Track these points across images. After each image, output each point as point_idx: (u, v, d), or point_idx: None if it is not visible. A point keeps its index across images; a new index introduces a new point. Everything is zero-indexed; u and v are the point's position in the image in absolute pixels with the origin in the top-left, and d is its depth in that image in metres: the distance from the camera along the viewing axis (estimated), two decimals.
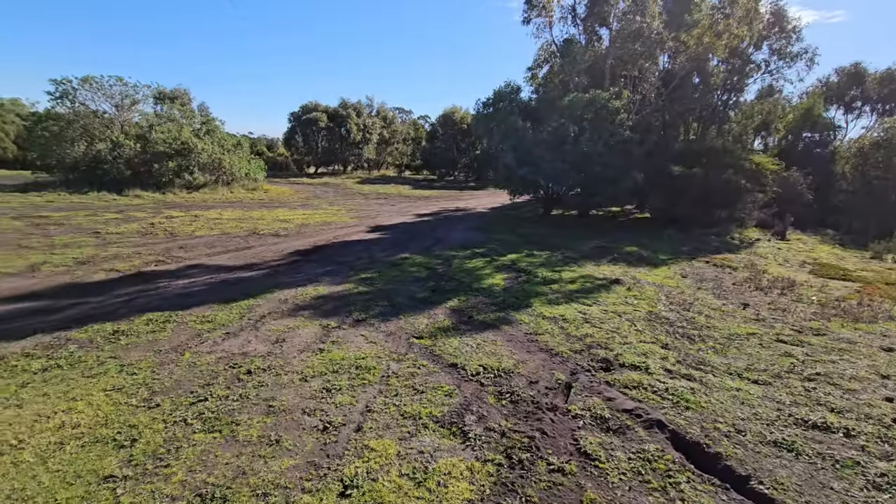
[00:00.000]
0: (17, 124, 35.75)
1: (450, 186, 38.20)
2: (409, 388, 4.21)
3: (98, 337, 5.26)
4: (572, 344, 5.38)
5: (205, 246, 11.05)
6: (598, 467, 3.16)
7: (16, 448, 3.22)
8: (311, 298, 6.93)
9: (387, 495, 2.84)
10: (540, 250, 11.36)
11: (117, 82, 23.50)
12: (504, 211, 21.54)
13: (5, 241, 10.41)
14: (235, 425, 3.56)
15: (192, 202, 19.12)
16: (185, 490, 2.85)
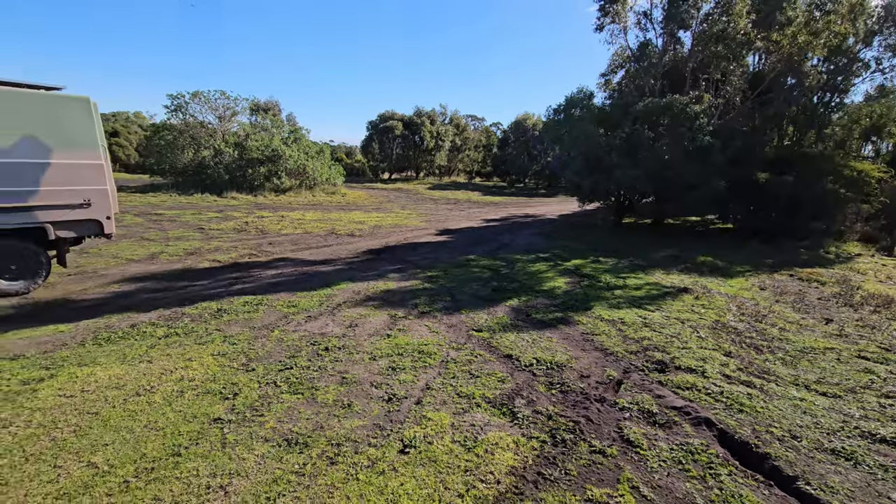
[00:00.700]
0: (138, 134, 41.03)
1: (520, 193, 38.18)
2: (465, 373, 4.58)
3: (205, 313, 6.19)
4: (628, 345, 5.45)
5: (290, 243, 12.20)
6: (639, 453, 3.32)
7: (149, 392, 4.01)
8: (380, 291, 7.54)
9: (440, 455, 3.22)
10: (606, 257, 11.25)
11: (221, 96, 26.32)
12: (573, 218, 21.29)
13: (131, 234, 12.22)
14: (315, 390, 4.13)
15: (279, 204, 20.94)
16: (275, 434, 3.43)
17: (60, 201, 7.03)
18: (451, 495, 2.84)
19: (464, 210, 23.89)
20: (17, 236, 6.86)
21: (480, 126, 61.17)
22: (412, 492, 2.85)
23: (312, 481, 2.93)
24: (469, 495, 2.84)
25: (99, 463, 3.06)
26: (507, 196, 34.68)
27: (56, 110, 6.93)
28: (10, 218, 6.66)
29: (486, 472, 3.06)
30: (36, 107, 6.74)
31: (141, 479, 2.91)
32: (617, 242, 13.75)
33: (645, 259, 11.08)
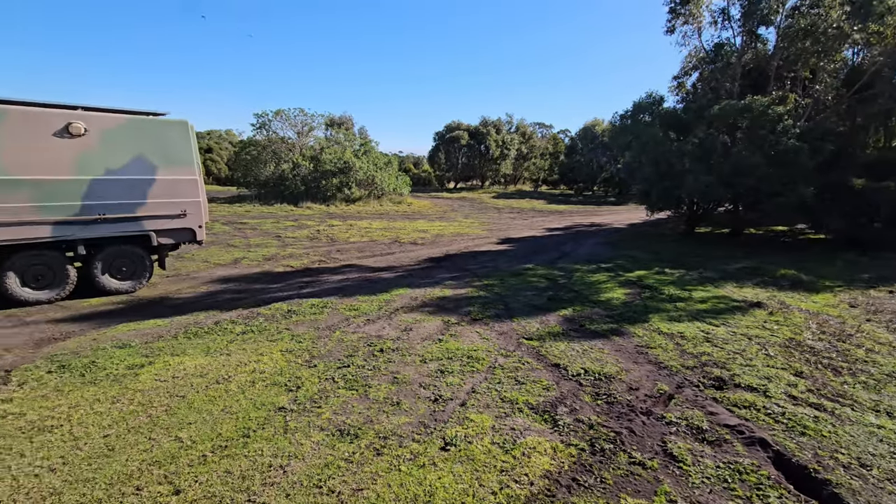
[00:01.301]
0: (228, 150, 45.12)
1: (587, 202, 37.16)
2: (511, 379, 4.69)
3: (277, 313, 6.80)
4: (685, 360, 5.25)
5: (356, 250, 12.92)
6: (682, 468, 3.25)
7: (226, 381, 4.54)
8: (436, 298, 7.82)
9: (478, 455, 3.37)
10: (673, 268, 10.75)
11: (300, 113, 28.36)
12: (641, 228, 20.43)
13: (219, 241, 13.56)
14: (368, 387, 4.45)
15: (349, 213, 22.11)
16: (330, 425, 3.76)
17: (162, 212, 8.07)
18: (485, 492, 2.98)
19: (527, 219, 23.75)
20: (128, 242, 7.97)
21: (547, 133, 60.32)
22: (448, 485, 3.03)
23: (359, 468, 3.21)
24: (502, 493, 2.97)
25: (184, 438, 3.55)
26: (574, 205, 33.90)
27: (160, 133, 7.99)
28: (123, 226, 7.76)
29: (520, 474, 3.17)
30: (144, 130, 7.83)
31: (216, 455, 3.35)
32: (686, 253, 13.05)
33: (716, 271, 10.45)
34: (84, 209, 7.33)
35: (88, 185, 7.33)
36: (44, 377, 4.58)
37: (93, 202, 7.39)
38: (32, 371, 4.72)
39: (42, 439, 3.51)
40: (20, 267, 7.14)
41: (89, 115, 7.33)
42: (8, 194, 6.72)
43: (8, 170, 6.70)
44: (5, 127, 6.66)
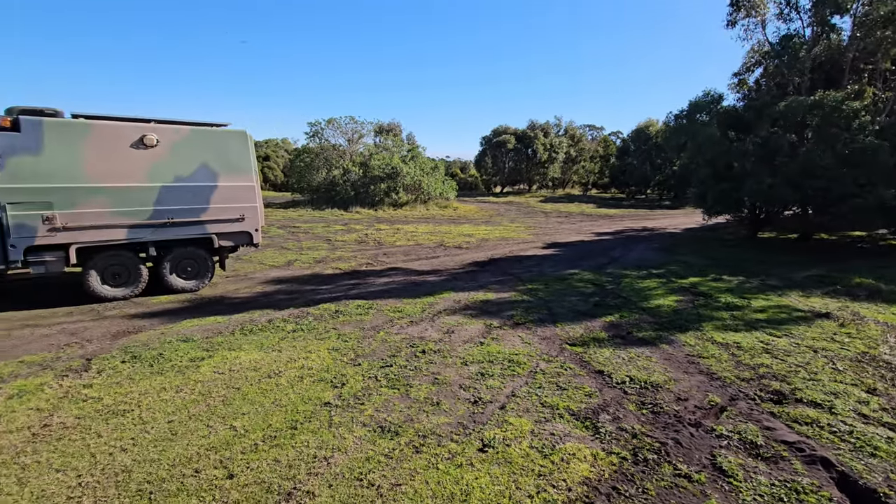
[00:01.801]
0: (284, 157, 47.34)
1: (640, 205, 35.87)
2: (552, 384, 4.63)
3: (325, 313, 7.07)
4: (741, 371, 4.97)
5: (402, 254, 13.16)
6: (732, 484, 3.09)
7: (277, 376, 4.79)
8: (479, 301, 7.84)
9: (516, 458, 3.36)
10: (731, 275, 10.18)
11: (350, 121, 29.33)
12: (698, 232, 19.45)
13: (273, 244, 14.25)
14: (409, 387, 4.55)
15: (396, 217, 22.56)
16: (372, 421, 3.89)
17: (223, 217, 8.62)
18: (522, 495, 2.97)
19: (575, 223, 23.25)
20: (194, 244, 8.57)
21: (598, 136, 58.80)
22: (485, 486, 3.05)
23: (398, 464, 3.29)
24: (539, 497, 2.95)
25: (238, 427, 3.79)
26: (625, 209, 32.80)
27: (221, 142, 8.55)
28: (190, 230, 8.36)
29: (558, 479, 3.13)
30: (208, 140, 8.40)
31: (266, 444, 3.55)
32: (747, 259, 12.29)
33: (780, 279, 9.78)
34: (155, 214, 7.97)
35: (159, 191, 7.96)
36: (118, 366, 5.03)
37: (163, 207, 8.02)
38: (109, 360, 5.19)
39: (116, 422, 3.86)
40: (100, 266, 7.86)
41: (161, 127, 7.97)
42: (91, 200, 7.43)
43: (92, 178, 7.40)
44: (90, 140, 7.37)
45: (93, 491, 2.99)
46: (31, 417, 3.93)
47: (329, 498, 2.93)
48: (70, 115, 7.56)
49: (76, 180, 7.31)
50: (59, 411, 4.03)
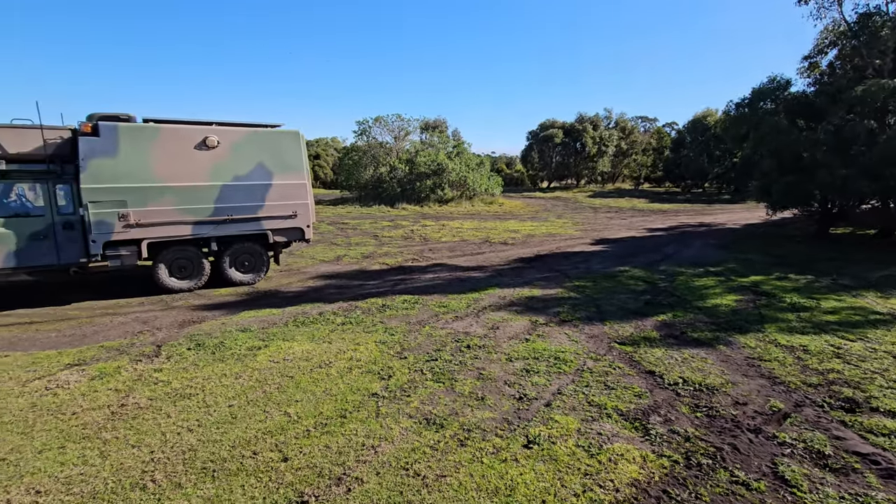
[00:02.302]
0: (333, 156, 48.71)
1: (696, 200, 34.11)
2: (600, 384, 4.53)
3: (373, 307, 7.26)
4: (807, 376, 4.64)
5: (447, 250, 13.25)
6: (795, 494, 2.90)
7: (328, 366, 4.98)
8: (525, 298, 7.77)
9: (562, 456, 3.33)
10: (798, 274, 9.50)
11: (397, 118, 29.73)
12: (761, 228, 18.27)
13: (323, 240, 14.74)
14: (454, 381, 4.60)
15: (441, 214, 22.69)
16: (417, 413, 3.96)
17: (277, 213, 9.02)
18: (567, 493, 2.94)
19: (625, 219, 22.47)
20: (251, 240, 9.03)
21: (651, 127, 56.38)
22: (529, 482, 3.04)
23: (443, 456, 3.35)
24: (584, 496, 2.91)
25: (291, 413, 3.98)
26: (680, 203, 31.31)
27: (276, 142, 8.94)
28: (248, 226, 8.82)
29: (605, 479, 3.07)
30: (263, 141, 8.81)
31: (318, 431, 3.71)
32: (817, 257, 11.42)
33: (855, 278, 9.02)
34: (216, 211, 8.46)
35: (220, 190, 8.44)
36: (184, 353, 5.40)
37: (223, 205, 8.50)
38: (176, 347, 5.59)
39: (183, 404, 4.16)
40: (168, 260, 8.45)
41: (221, 129, 8.44)
42: (160, 199, 8.00)
43: (160, 178, 7.97)
44: (158, 142, 7.93)
45: (163, 466, 3.25)
46: (110, 397, 4.31)
47: (377, 485, 3.03)
48: (141, 119, 8.17)
49: (147, 180, 7.88)
50: (133, 393, 4.40)
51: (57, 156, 7.65)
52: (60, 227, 7.61)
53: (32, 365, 5.16)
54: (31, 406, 4.16)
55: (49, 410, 4.07)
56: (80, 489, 3.01)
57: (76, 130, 7.60)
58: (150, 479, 3.10)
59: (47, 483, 3.08)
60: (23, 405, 4.18)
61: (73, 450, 3.46)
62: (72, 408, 4.11)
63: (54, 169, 7.62)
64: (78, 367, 5.06)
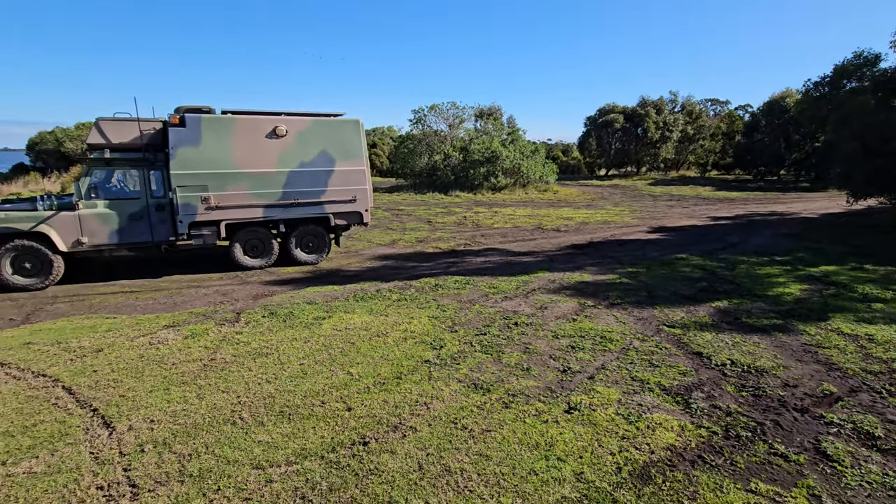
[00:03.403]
0: (389, 144, 49.79)
1: (770, 188, 31.85)
2: (644, 362, 4.64)
3: (426, 287, 7.66)
4: (868, 364, 4.49)
5: (499, 235, 13.43)
6: (835, 468, 2.94)
7: (384, 336, 5.42)
8: (575, 282, 7.86)
9: (601, 421, 3.53)
10: (876, 265, 8.86)
11: (452, 107, 29.95)
12: (841, 218, 16.89)
13: (380, 225, 15.38)
14: (501, 353, 4.88)
15: (494, 201, 22.79)
16: (466, 379, 4.29)
17: (338, 198, 9.62)
18: (604, 451, 3.15)
19: (687, 207, 21.49)
20: (314, 223, 9.71)
21: (722, 111, 52.87)
22: (568, 441, 3.28)
23: (489, 415, 3.65)
24: (620, 456, 3.11)
25: (353, 373, 4.44)
26: (751, 192, 29.37)
27: (338, 130, 9.51)
28: (312, 210, 9.49)
29: (641, 443, 3.25)
30: (326, 129, 9.40)
31: (376, 388, 4.13)
32: None
33: None
34: (284, 195, 9.18)
35: (287, 176, 9.14)
36: (260, 320, 6.06)
37: (290, 190, 9.20)
38: (253, 315, 6.27)
39: (261, 361, 4.75)
40: (243, 240, 9.30)
41: (289, 119, 9.11)
42: (237, 184, 8.80)
43: (237, 165, 8.76)
44: (235, 132, 8.71)
45: (248, 408, 3.79)
46: (201, 353, 4.99)
47: (428, 434, 3.39)
48: (220, 111, 8.98)
49: (225, 167, 8.70)
50: (220, 350, 5.05)
51: (150, 145, 8.62)
52: (153, 208, 8.60)
53: (137, 325, 6.01)
54: (139, 357, 4.91)
55: (154, 361, 4.80)
56: (184, 420, 3.61)
57: (166, 122, 8.52)
58: (239, 417, 3.64)
59: (158, 415, 3.70)
60: (133, 356, 4.94)
61: (175, 391, 4.10)
62: (171, 359, 4.81)
63: (148, 157, 8.58)
64: (173, 328, 5.83)
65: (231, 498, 2.76)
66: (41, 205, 8.12)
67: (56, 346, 5.22)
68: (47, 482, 2.92)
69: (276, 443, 3.31)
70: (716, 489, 2.78)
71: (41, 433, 3.48)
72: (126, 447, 3.28)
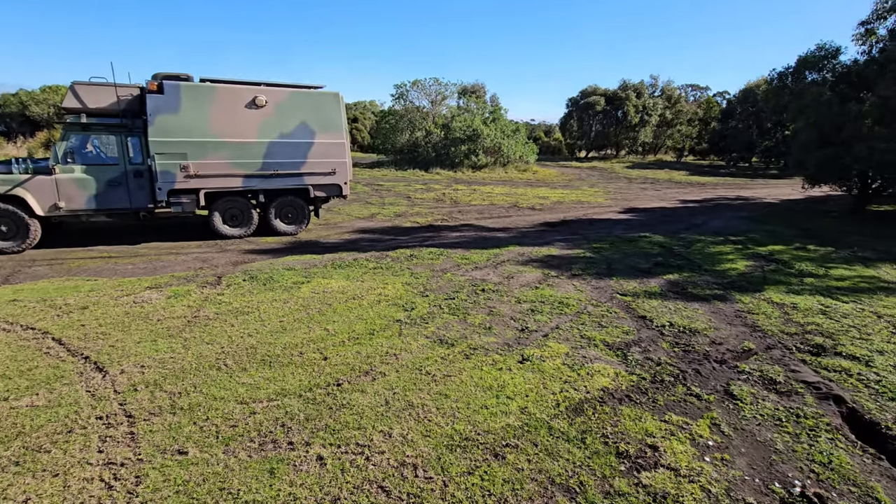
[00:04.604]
0: (371, 119, 49.21)
1: (740, 174, 32.97)
2: (594, 323, 5.15)
3: (401, 257, 8.03)
4: (787, 327, 5.10)
5: (476, 212, 13.84)
6: (737, 405, 3.50)
7: (360, 299, 5.80)
8: (542, 255, 8.35)
9: (548, 369, 4.02)
10: (819, 246, 9.61)
11: (434, 83, 29.85)
12: (801, 203, 17.88)
13: (358, 199, 15.58)
14: (467, 315, 5.32)
15: (474, 179, 23.11)
16: (433, 335, 4.73)
17: (318, 170, 9.83)
18: (547, 392, 3.64)
19: (660, 190, 22.25)
20: (294, 194, 9.91)
21: (702, 96, 53.79)
22: (518, 384, 3.76)
23: (450, 364, 4.10)
24: (560, 395, 3.60)
25: (330, 329, 4.82)
26: (722, 177, 30.36)
27: (318, 103, 9.65)
28: (291, 181, 9.68)
29: (580, 385, 3.75)
30: (306, 101, 9.53)
31: (350, 342, 4.54)
32: (846, 232, 11.34)
33: (877, 252, 9.08)
34: (264, 166, 9.34)
35: (267, 146, 9.29)
36: (241, 283, 6.36)
37: (269, 160, 9.36)
38: (234, 278, 6.56)
39: (242, 318, 5.09)
40: (222, 209, 9.46)
41: (268, 89, 9.20)
42: (216, 153, 8.92)
43: (216, 134, 8.86)
44: (214, 101, 8.78)
45: (232, 356, 4.16)
46: (184, 311, 5.29)
47: (396, 378, 3.83)
48: (199, 79, 9.01)
49: (204, 135, 8.79)
50: (203, 308, 5.36)
51: (128, 111, 8.63)
52: (132, 175, 8.67)
53: (119, 287, 6.24)
54: (125, 313, 5.19)
55: (139, 317, 5.08)
56: (173, 366, 3.95)
57: (144, 88, 8.53)
58: (224, 364, 4.01)
59: (148, 361, 4.04)
60: (119, 313, 5.21)
61: (162, 343, 4.43)
62: (156, 316, 5.11)
63: (126, 123, 8.61)
64: (156, 289, 6.10)
65: (220, 425, 3.15)
66: (16, 168, 8.13)
67: (42, 304, 5.44)
68: (49, 413, 3.25)
69: (258, 384, 3.70)
70: (635, 419, 3.30)
71: (37, 376, 3.78)
72: (120, 387, 3.62)
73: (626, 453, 2.93)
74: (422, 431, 3.12)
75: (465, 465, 2.80)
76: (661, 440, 3.06)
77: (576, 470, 2.79)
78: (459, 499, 2.54)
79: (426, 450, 2.93)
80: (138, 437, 3.00)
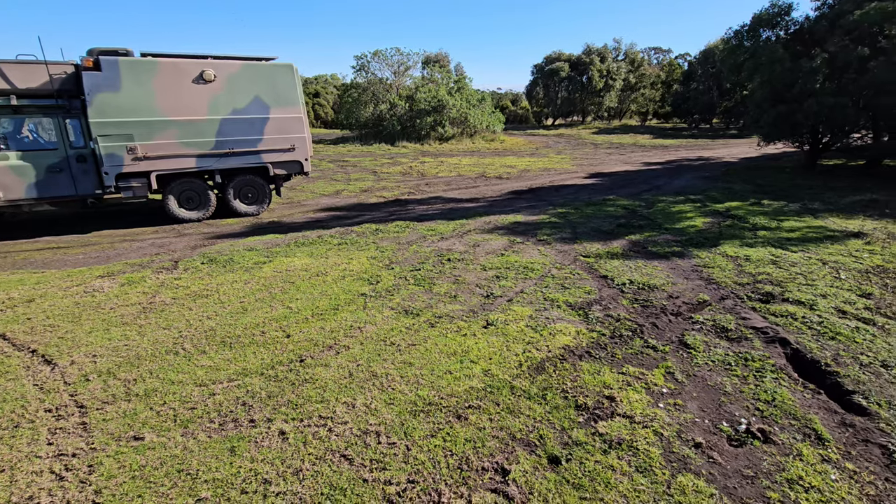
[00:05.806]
0: (333, 94, 47.67)
1: (702, 135, 33.71)
2: (558, 285, 5.24)
3: (367, 231, 7.92)
4: (740, 278, 5.31)
5: (443, 184, 13.73)
6: (690, 353, 3.65)
7: (324, 275, 5.71)
8: (508, 223, 8.38)
9: (512, 332, 4.08)
10: (773, 200, 9.98)
11: (396, 52, 29.00)
12: (758, 161, 18.45)
13: (324, 176, 15.21)
14: (432, 284, 5.32)
15: (441, 151, 22.85)
16: (398, 306, 4.71)
17: (276, 147, 9.49)
18: (510, 354, 3.70)
19: (624, 154, 22.55)
20: (252, 173, 9.57)
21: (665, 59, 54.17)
22: (482, 348, 3.81)
23: (416, 333, 4.11)
24: (523, 355, 3.67)
25: (293, 307, 4.74)
26: (685, 139, 30.99)
27: (271, 75, 9.23)
28: (248, 159, 9.33)
29: (542, 345, 3.83)
30: (259, 74, 9.10)
31: (314, 318, 4.48)
32: (798, 186, 11.81)
33: (826, 203, 9.50)
34: (218, 144, 8.94)
35: (220, 123, 8.87)
36: (199, 267, 6.16)
37: (224, 138, 8.96)
38: (192, 262, 6.34)
39: (201, 301, 4.94)
40: (177, 192, 9.06)
41: (217, 62, 8.73)
42: (164, 133, 8.47)
43: (162, 112, 8.39)
44: (158, 76, 8.27)
45: (190, 340, 4.05)
46: (139, 298, 5.10)
47: (360, 350, 3.81)
48: (139, 53, 8.46)
49: (150, 114, 8.32)
50: (159, 294, 5.18)
51: (64, 91, 8.05)
52: (74, 160, 8.17)
53: (68, 277, 5.95)
54: (74, 304, 4.96)
55: (90, 307, 4.87)
56: (127, 354, 3.82)
57: (79, 66, 7.95)
58: (181, 348, 3.90)
59: (100, 350, 3.89)
60: (68, 304, 4.98)
61: (116, 331, 4.27)
62: (109, 305, 4.91)
63: (63, 104, 8.04)
64: (108, 277, 5.84)
65: (177, 409, 3.07)
66: None
67: None
68: None
69: (217, 366, 3.62)
70: (594, 373, 3.40)
71: None
72: (70, 378, 3.48)
73: (584, 406, 3.02)
74: (385, 400, 3.13)
75: (427, 428, 2.84)
76: (619, 391, 3.17)
77: (536, 425, 2.86)
78: (422, 461, 2.58)
79: (389, 417, 2.95)
80: (91, 427, 2.91)
